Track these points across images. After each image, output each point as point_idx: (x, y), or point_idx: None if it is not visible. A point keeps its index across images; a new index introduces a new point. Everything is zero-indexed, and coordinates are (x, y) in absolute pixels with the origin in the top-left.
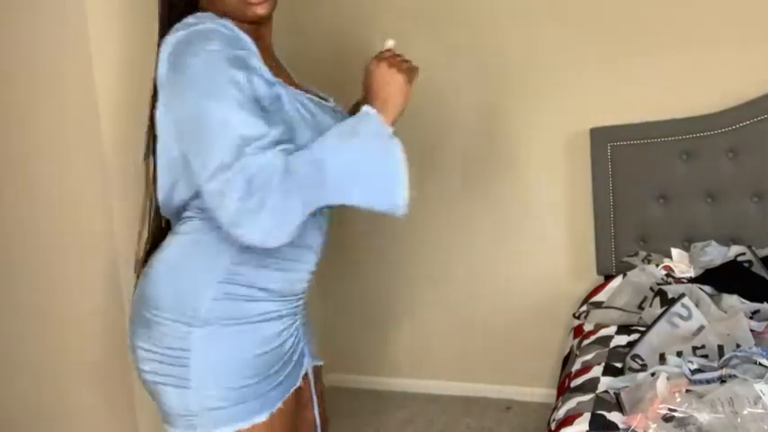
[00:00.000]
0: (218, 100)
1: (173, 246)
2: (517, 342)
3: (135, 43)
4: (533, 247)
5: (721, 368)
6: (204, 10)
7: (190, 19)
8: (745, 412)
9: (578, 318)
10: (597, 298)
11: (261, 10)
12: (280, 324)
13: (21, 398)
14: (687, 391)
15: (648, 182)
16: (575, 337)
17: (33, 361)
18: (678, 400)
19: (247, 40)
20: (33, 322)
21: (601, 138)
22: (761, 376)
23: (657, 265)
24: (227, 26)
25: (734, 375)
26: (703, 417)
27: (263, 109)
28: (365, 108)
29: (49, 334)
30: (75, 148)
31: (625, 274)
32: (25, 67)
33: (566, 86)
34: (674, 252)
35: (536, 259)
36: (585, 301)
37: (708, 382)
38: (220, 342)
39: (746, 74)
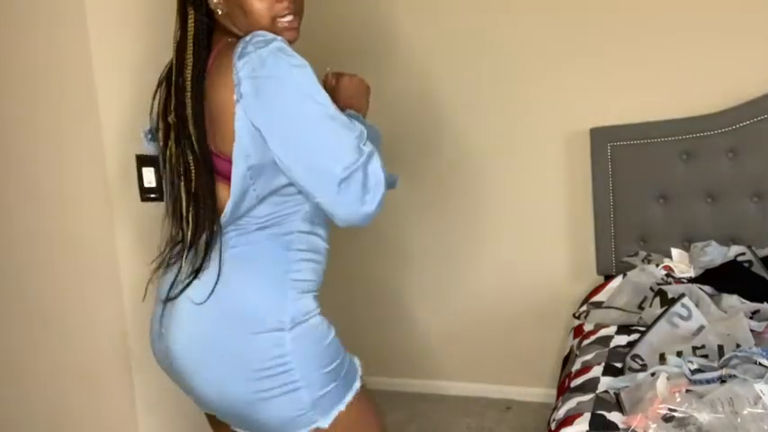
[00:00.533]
0: (327, 105)
1: (243, 261)
2: (517, 342)
3: (135, 43)
4: (533, 247)
5: (721, 368)
6: (226, 30)
7: (256, 38)
8: (745, 412)
9: (578, 318)
10: (597, 298)
11: (292, 35)
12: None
13: (21, 398)
14: (687, 391)
15: (648, 182)
16: (575, 337)
17: (33, 361)
18: (678, 400)
19: None
20: (33, 322)
21: (601, 138)
22: (761, 376)
23: (657, 265)
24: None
25: (734, 375)
26: (703, 417)
27: None
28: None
29: (48, 334)
30: (75, 148)
31: (625, 274)
32: (25, 67)
33: (566, 86)
34: (674, 252)
35: (536, 259)
36: (585, 301)
37: (708, 382)
38: (306, 336)
39: (746, 74)
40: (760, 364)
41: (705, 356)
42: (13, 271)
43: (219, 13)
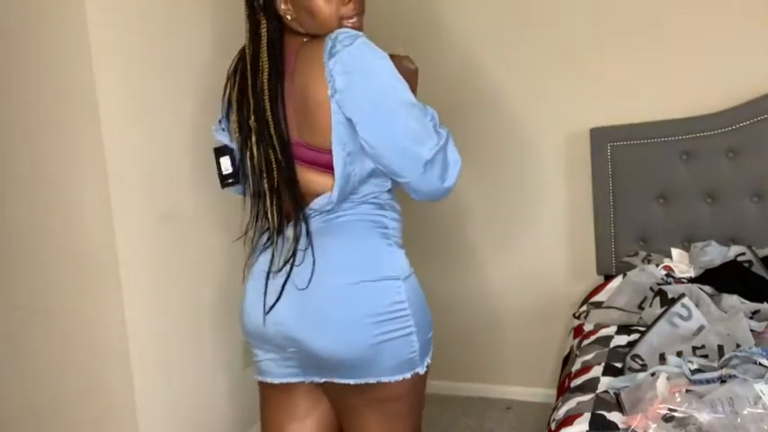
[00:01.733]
0: (406, 92)
1: (350, 229)
2: (517, 342)
3: (135, 43)
4: (533, 246)
5: (721, 368)
6: (296, 32)
7: (342, 35)
8: (745, 412)
9: (578, 318)
10: (597, 298)
11: (356, 25)
12: None
13: (21, 398)
14: (687, 391)
15: (648, 182)
16: (575, 337)
17: (33, 361)
18: (678, 400)
19: None
20: (33, 322)
21: (601, 138)
22: (761, 376)
23: (657, 265)
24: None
25: (734, 375)
26: (703, 417)
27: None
28: None
29: (48, 334)
30: (75, 148)
31: (625, 274)
32: (25, 67)
33: (566, 86)
34: (674, 252)
35: (536, 259)
36: (585, 301)
37: (708, 382)
38: (415, 287)
39: (746, 74)
40: (760, 364)
41: (705, 356)
42: (14, 271)
43: (288, 18)
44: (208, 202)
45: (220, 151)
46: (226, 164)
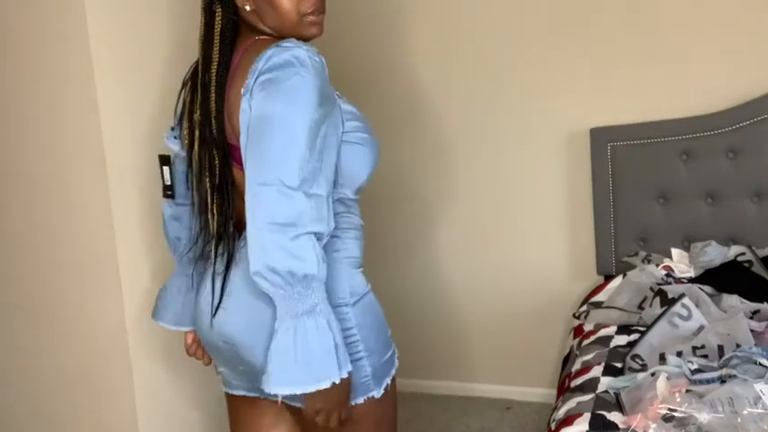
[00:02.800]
0: (291, 166)
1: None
2: (517, 342)
3: (135, 43)
4: (533, 247)
5: (721, 368)
6: (250, 30)
7: (285, 43)
8: (745, 412)
9: (578, 318)
10: (597, 298)
11: (318, 30)
12: None
13: (21, 398)
14: (687, 391)
15: (648, 182)
16: (575, 337)
17: (33, 361)
18: (678, 400)
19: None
20: (33, 322)
21: (601, 138)
22: (761, 376)
23: (657, 265)
24: (314, 53)
25: (734, 375)
26: (703, 417)
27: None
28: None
29: (48, 334)
30: (75, 148)
31: (625, 274)
32: (25, 67)
33: (566, 86)
34: (674, 252)
35: (536, 259)
36: (585, 301)
37: (708, 382)
38: (367, 309)
39: (746, 74)
40: (760, 364)
41: (705, 356)
42: (15, 271)
43: (247, 9)
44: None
45: (163, 160)
46: (167, 174)
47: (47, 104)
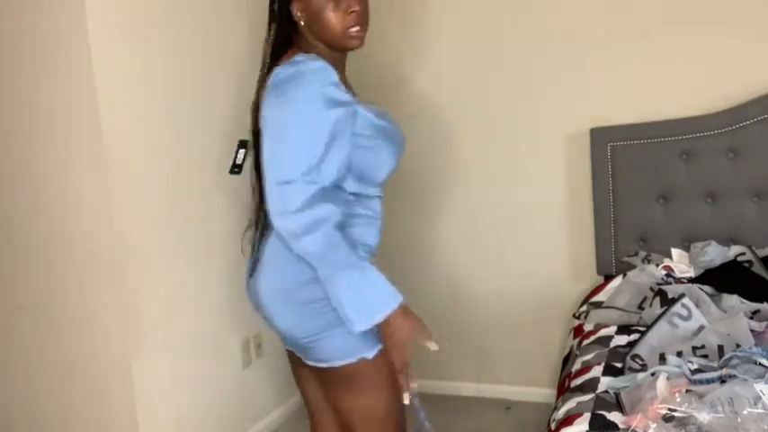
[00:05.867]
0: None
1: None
2: (517, 342)
3: (135, 43)
4: (533, 247)
5: (721, 368)
6: (305, 40)
7: (297, 58)
8: (745, 412)
9: (578, 318)
10: (597, 298)
11: (359, 42)
12: None
13: (21, 398)
14: (687, 391)
15: (648, 182)
16: (575, 337)
17: (35, 360)
18: (678, 400)
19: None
20: (33, 322)
21: (601, 138)
22: (761, 376)
23: (657, 265)
24: (328, 68)
25: (734, 375)
26: (703, 417)
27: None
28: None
29: (49, 334)
30: (75, 147)
31: (625, 274)
32: (26, 67)
33: (566, 86)
34: (674, 252)
35: (536, 259)
36: (585, 301)
37: (708, 382)
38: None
39: (746, 74)
40: (760, 364)
41: (705, 356)
42: (17, 271)
43: (302, 23)
44: (209, 200)
45: (242, 144)
46: (240, 155)
47: (47, 104)
